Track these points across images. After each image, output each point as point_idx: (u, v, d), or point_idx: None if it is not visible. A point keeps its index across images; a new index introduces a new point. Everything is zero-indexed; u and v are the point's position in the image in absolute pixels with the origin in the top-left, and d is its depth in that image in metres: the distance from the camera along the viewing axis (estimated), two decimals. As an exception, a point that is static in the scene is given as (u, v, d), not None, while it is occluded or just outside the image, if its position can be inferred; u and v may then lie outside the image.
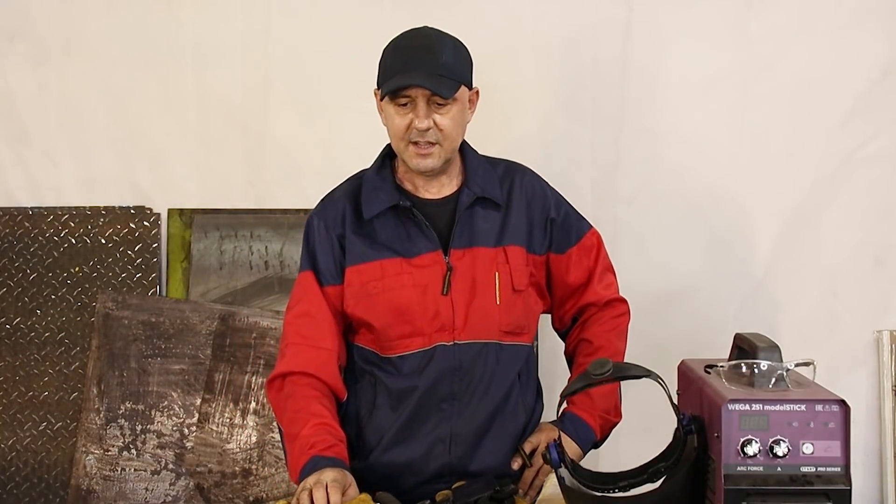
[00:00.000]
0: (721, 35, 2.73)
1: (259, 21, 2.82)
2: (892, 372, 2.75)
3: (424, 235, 1.88)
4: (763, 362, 1.52)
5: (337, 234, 1.91)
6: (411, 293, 1.86)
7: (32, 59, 2.86)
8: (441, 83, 1.79)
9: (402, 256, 1.87)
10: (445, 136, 1.84)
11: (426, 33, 1.88)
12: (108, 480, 2.71)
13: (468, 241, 1.89)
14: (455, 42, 1.88)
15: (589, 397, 1.97)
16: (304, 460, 1.73)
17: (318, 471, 1.70)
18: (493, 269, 1.89)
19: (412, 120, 1.82)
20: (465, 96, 1.86)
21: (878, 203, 2.75)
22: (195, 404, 2.73)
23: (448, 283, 1.86)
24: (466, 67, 1.88)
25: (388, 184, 1.92)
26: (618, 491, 1.60)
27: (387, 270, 1.87)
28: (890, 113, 2.73)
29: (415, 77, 1.79)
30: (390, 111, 1.84)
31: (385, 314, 1.87)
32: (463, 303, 1.87)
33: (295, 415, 1.82)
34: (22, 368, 2.84)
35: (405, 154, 1.86)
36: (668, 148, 2.76)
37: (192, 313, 2.77)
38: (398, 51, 1.86)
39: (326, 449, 1.74)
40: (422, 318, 1.86)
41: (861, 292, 2.76)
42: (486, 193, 1.92)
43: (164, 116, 2.85)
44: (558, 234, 2.00)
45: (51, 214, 2.87)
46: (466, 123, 1.91)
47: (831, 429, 1.43)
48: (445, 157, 1.87)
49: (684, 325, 2.74)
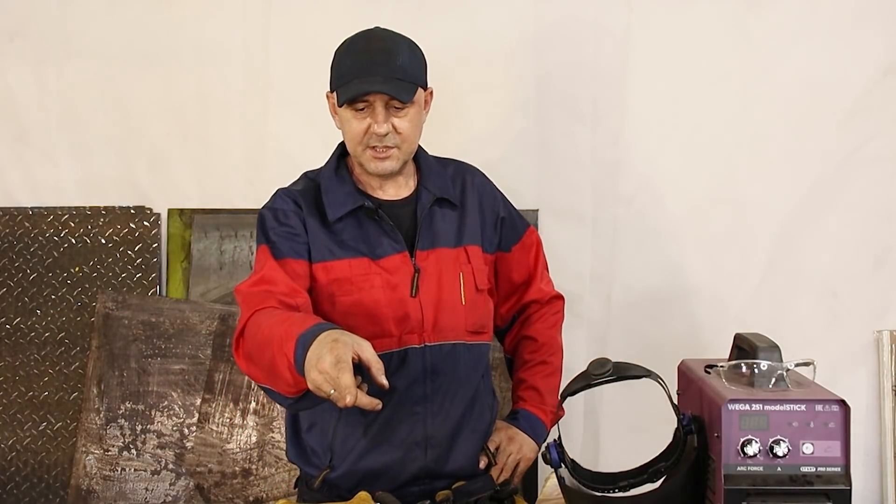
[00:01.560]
0: (721, 35, 2.73)
1: (259, 21, 2.82)
2: (892, 372, 2.75)
3: (390, 237, 1.87)
4: (763, 362, 1.52)
5: (300, 219, 1.86)
6: (380, 294, 1.84)
7: (32, 59, 2.86)
8: (400, 88, 1.78)
9: (368, 257, 1.85)
10: (404, 140, 1.83)
11: (381, 35, 1.87)
12: (108, 480, 2.71)
13: (431, 243, 1.89)
14: (410, 43, 1.87)
15: (539, 394, 2.03)
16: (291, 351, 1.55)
17: (323, 335, 1.53)
18: (458, 269, 1.90)
19: (370, 125, 1.80)
20: (421, 98, 1.86)
21: (878, 203, 2.75)
22: (195, 404, 2.73)
23: (416, 285, 1.85)
24: (422, 69, 1.88)
25: (347, 185, 1.90)
26: (618, 491, 1.60)
27: (355, 269, 1.84)
28: (890, 113, 2.73)
29: (373, 83, 1.78)
30: (347, 115, 1.83)
31: (352, 314, 1.84)
32: (431, 304, 1.86)
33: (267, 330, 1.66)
34: (22, 368, 2.84)
35: (362, 157, 1.85)
36: (668, 148, 2.76)
37: (192, 313, 2.78)
38: (353, 54, 1.84)
39: (302, 324, 1.59)
40: (390, 320, 1.84)
41: (861, 292, 2.76)
42: (444, 194, 1.93)
43: (164, 116, 2.85)
44: (506, 233, 2.03)
45: (51, 214, 2.87)
46: (423, 124, 1.90)
47: (831, 429, 1.43)
48: (404, 159, 1.87)
49: (684, 325, 2.75)
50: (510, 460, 1.96)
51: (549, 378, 2.05)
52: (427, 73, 1.90)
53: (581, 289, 2.76)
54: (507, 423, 2.03)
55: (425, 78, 1.89)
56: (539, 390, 2.03)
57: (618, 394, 2.27)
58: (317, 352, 1.51)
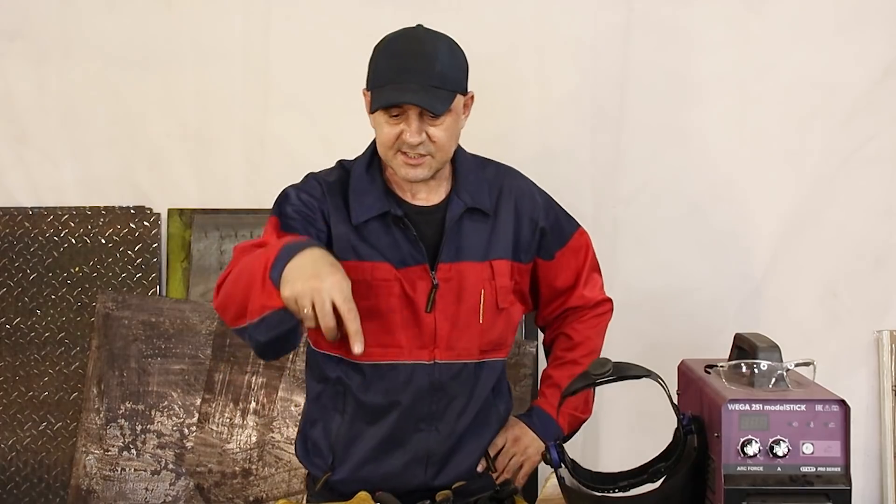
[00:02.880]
0: (721, 35, 2.73)
1: (259, 21, 2.82)
2: (892, 372, 2.75)
3: (413, 247, 1.81)
4: (763, 362, 1.52)
5: (322, 209, 1.81)
6: (396, 304, 1.80)
7: (32, 59, 2.86)
8: (435, 97, 1.71)
9: (390, 264, 1.80)
10: (438, 148, 1.76)
11: (420, 37, 1.78)
12: (108, 480, 2.71)
13: (455, 255, 1.83)
14: (451, 45, 1.79)
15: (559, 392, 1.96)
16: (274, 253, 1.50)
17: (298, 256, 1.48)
18: (480, 286, 1.83)
19: (403, 131, 1.73)
20: (459, 104, 1.79)
21: (879, 203, 2.75)
22: (195, 404, 2.73)
23: (433, 300, 1.80)
24: (462, 73, 1.79)
25: (377, 186, 1.83)
26: (618, 491, 1.60)
27: (376, 274, 1.79)
28: (890, 113, 2.73)
29: (407, 91, 1.70)
30: (380, 119, 1.77)
31: (366, 318, 1.74)
32: (446, 322, 1.82)
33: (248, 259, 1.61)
34: (22, 368, 2.84)
35: (393, 162, 1.79)
36: (668, 148, 2.77)
37: (192, 313, 2.77)
38: (391, 56, 1.77)
39: (291, 239, 1.55)
40: (402, 332, 1.81)
41: (861, 292, 2.76)
42: (476, 203, 1.85)
43: (164, 116, 2.85)
44: (547, 241, 1.95)
45: (51, 214, 2.87)
46: (460, 130, 1.83)
47: (831, 429, 1.43)
48: (437, 167, 1.80)
49: (684, 325, 2.74)
50: (513, 462, 1.94)
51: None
52: (468, 77, 1.82)
53: (581, 289, 2.76)
54: (520, 419, 1.98)
55: (465, 83, 1.81)
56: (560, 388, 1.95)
57: (618, 394, 2.26)
58: (311, 265, 1.46)
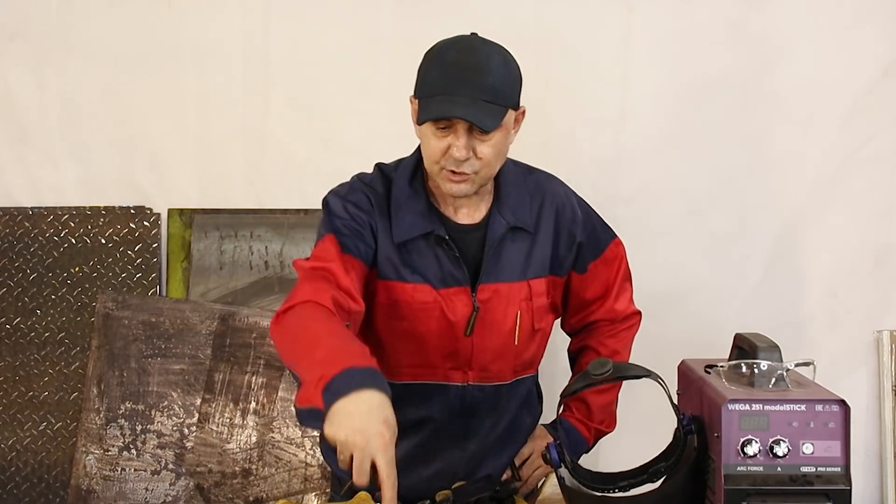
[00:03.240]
0: (721, 35, 2.73)
1: (259, 21, 2.82)
2: (892, 372, 2.75)
3: (455, 267, 1.75)
4: (763, 362, 1.52)
5: (370, 222, 1.75)
6: (435, 326, 1.76)
7: (32, 59, 2.86)
8: (486, 113, 1.62)
9: (431, 285, 1.75)
10: (484, 165, 1.68)
11: (474, 47, 1.67)
12: (108, 480, 2.71)
13: (495, 276, 1.77)
14: (505, 58, 1.69)
15: (587, 408, 1.94)
16: (333, 372, 1.39)
17: (355, 395, 1.37)
18: (516, 308, 1.79)
19: (450, 146, 1.65)
20: (510, 120, 1.69)
21: (878, 203, 2.75)
22: (195, 404, 2.73)
23: (472, 324, 1.76)
24: (515, 87, 1.70)
25: (420, 202, 1.76)
26: (618, 491, 1.60)
27: (416, 297, 1.75)
28: (890, 113, 2.73)
29: (457, 104, 1.61)
30: (426, 131, 1.68)
31: (402, 339, 1.77)
32: (482, 345, 1.78)
33: (304, 333, 1.54)
34: (22, 368, 2.84)
35: (437, 177, 1.71)
36: (667, 148, 2.76)
37: (192, 313, 2.77)
38: (442, 66, 1.66)
39: (358, 359, 1.43)
40: (439, 354, 1.78)
41: (861, 292, 2.76)
42: (518, 222, 1.79)
43: (164, 116, 2.85)
44: (582, 254, 1.90)
45: (51, 214, 2.87)
46: (509, 146, 1.75)
47: (831, 429, 1.43)
48: (481, 184, 1.72)
49: (684, 325, 2.74)
50: (537, 473, 1.92)
51: (601, 394, 1.95)
52: (521, 91, 1.73)
53: (581, 289, 2.77)
54: (547, 431, 1.95)
55: (518, 97, 1.72)
56: (588, 405, 1.93)
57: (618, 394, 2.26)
58: (363, 415, 1.36)
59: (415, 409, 1.81)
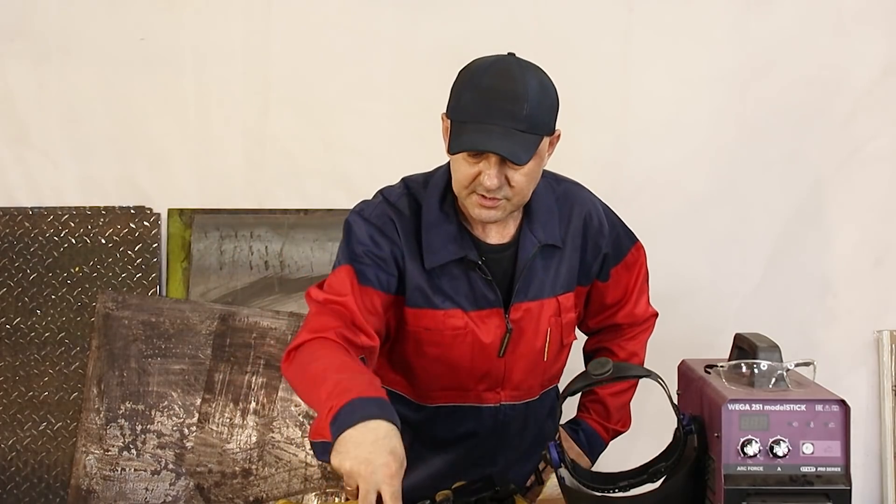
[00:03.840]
0: (721, 35, 2.74)
1: (259, 21, 2.82)
2: (892, 372, 2.75)
3: (488, 290, 1.73)
4: (763, 362, 1.52)
5: (393, 249, 1.70)
6: (468, 351, 1.74)
7: (32, 59, 2.86)
8: (520, 145, 1.56)
9: (462, 309, 1.72)
10: (516, 193, 1.63)
11: (511, 72, 1.60)
12: (108, 480, 2.71)
13: (526, 295, 1.75)
14: (542, 82, 1.63)
15: (605, 410, 1.95)
16: (341, 403, 1.38)
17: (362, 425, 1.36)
18: (546, 325, 1.78)
19: (480, 172, 1.59)
20: (545, 146, 1.63)
21: (879, 203, 2.75)
22: (195, 404, 2.73)
23: (506, 345, 1.75)
24: (552, 114, 1.64)
25: (452, 226, 1.70)
26: (618, 491, 1.60)
27: (447, 323, 1.72)
28: (890, 113, 2.73)
29: (491, 136, 1.54)
30: (458, 156, 1.61)
31: (435, 364, 1.76)
32: (515, 365, 1.78)
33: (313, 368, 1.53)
34: (22, 368, 2.84)
35: (466, 201, 1.65)
36: (667, 148, 2.77)
37: (192, 313, 2.77)
38: (477, 90, 1.59)
39: (366, 389, 1.42)
40: (471, 376, 1.77)
41: (861, 292, 2.77)
42: (549, 239, 1.75)
43: (164, 116, 2.85)
44: (607, 263, 1.89)
45: (51, 214, 2.87)
46: (542, 168, 1.69)
47: (831, 429, 1.43)
48: (512, 210, 1.68)
49: (684, 325, 2.74)
50: None
51: (619, 396, 1.96)
52: (557, 115, 1.66)
53: (581, 289, 2.77)
54: (567, 433, 1.95)
55: (554, 123, 1.65)
56: (607, 407, 1.95)
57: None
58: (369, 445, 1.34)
59: (448, 430, 1.82)
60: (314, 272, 2.80)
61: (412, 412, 1.83)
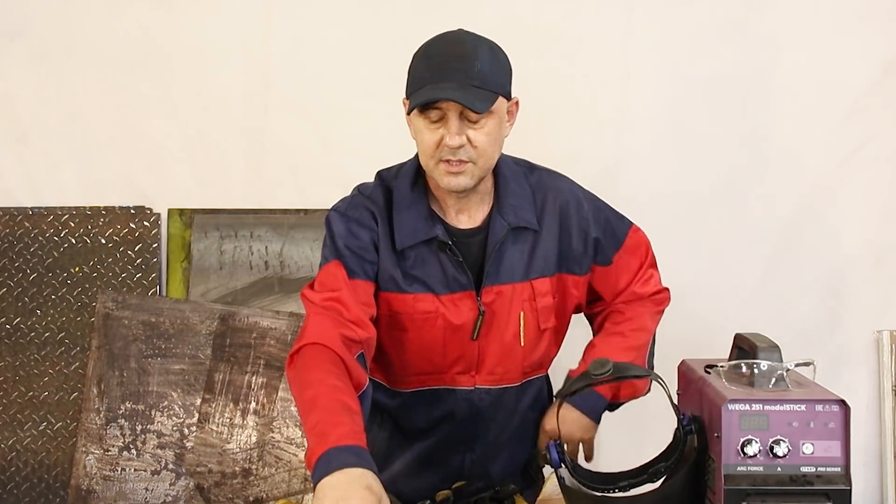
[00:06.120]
0: (721, 35, 2.74)
1: (258, 22, 2.82)
2: (892, 372, 2.75)
3: (458, 272, 1.73)
4: (763, 362, 1.52)
5: (373, 238, 1.75)
6: (440, 335, 1.75)
7: (32, 59, 2.86)
8: (475, 96, 1.60)
9: (434, 293, 1.74)
10: (480, 154, 1.65)
11: (460, 38, 1.67)
12: (108, 480, 2.71)
13: (497, 278, 1.75)
14: (492, 47, 1.68)
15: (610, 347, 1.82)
16: (319, 452, 1.42)
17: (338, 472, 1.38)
18: (519, 308, 1.77)
19: (443, 136, 1.63)
20: (502, 108, 1.67)
21: (879, 203, 2.75)
22: (195, 404, 2.73)
23: (479, 328, 1.75)
24: (505, 76, 1.69)
25: (422, 207, 1.74)
26: (618, 491, 1.60)
27: (417, 307, 1.74)
28: (890, 113, 2.73)
29: (445, 89, 1.60)
30: (420, 125, 1.66)
31: (408, 349, 1.77)
32: (488, 348, 1.77)
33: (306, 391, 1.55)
34: (22, 368, 2.84)
35: (435, 172, 1.68)
36: (668, 148, 2.77)
37: (192, 313, 2.78)
38: (429, 58, 1.66)
39: (343, 437, 1.43)
40: (445, 361, 1.77)
41: (861, 292, 2.76)
42: (520, 221, 1.76)
43: (164, 117, 2.86)
44: (603, 247, 1.86)
45: (51, 214, 2.87)
46: (504, 137, 1.72)
47: (831, 429, 1.43)
48: (480, 175, 1.69)
49: (684, 325, 2.73)
50: (571, 450, 1.79)
51: (622, 351, 1.82)
52: (511, 81, 1.71)
53: (581, 289, 2.77)
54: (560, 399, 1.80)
55: (508, 86, 1.69)
56: (611, 343, 1.85)
57: (618, 394, 2.27)
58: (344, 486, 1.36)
59: (423, 415, 1.81)
60: (314, 272, 2.77)
61: (389, 399, 1.84)
